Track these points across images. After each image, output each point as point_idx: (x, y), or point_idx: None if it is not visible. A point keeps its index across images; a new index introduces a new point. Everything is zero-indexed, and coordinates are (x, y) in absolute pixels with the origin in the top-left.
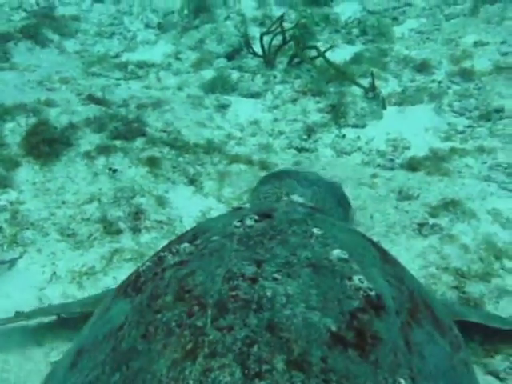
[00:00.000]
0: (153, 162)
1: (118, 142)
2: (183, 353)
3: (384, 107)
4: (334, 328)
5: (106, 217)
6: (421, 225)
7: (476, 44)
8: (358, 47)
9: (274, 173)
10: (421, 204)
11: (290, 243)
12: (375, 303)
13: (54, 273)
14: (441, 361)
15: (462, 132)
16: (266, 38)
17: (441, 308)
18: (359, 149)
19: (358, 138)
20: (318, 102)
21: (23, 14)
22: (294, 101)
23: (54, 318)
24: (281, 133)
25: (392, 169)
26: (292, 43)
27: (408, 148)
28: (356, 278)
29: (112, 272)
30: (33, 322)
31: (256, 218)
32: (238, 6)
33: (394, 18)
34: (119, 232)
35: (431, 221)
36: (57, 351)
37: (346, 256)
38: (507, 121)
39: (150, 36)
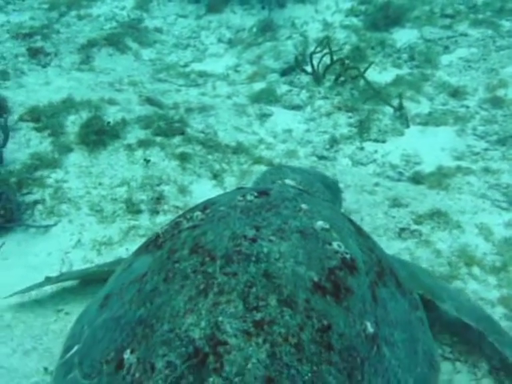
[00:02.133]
0: (184, 157)
1: (158, 138)
2: (197, 291)
3: (407, 126)
4: (315, 279)
5: (131, 199)
6: (402, 229)
7: None
8: (404, 71)
9: (274, 166)
10: (409, 212)
11: (283, 214)
12: (349, 264)
13: (79, 240)
14: (400, 314)
15: (476, 154)
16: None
17: (404, 276)
18: (374, 161)
19: (376, 151)
20: (350, 118)
21: (114, 24)
22: (328, 115)
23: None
24: (309, 142)
25: (398, 180)
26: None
27: (419, 163)
28: (335, 244)
29: (126, 244)
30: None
31: (255, 194)
32: (304, 27)
33: (446, 47)
34: (139, 212)
35: (413, 227)
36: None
37: (328, 226)
38: None
39: (220, 50)
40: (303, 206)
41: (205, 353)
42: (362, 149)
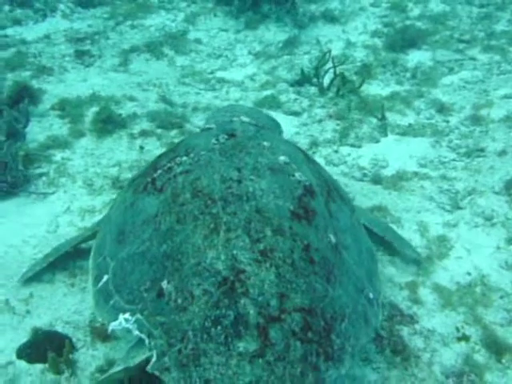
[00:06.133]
0: None
1: (159, 130)
2: (209, 230)
3: (385, 135)
4: (291, 208)
5: (119, 177)
6: None
7: (504, 96)
8: (403, 87)
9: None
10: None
11: (253, 154)
12: (310, 189)
13: (69, 207)
14: (347, 221)
15: (442, 163)
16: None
17: (343, 190)
18: (345, 162)
19: (349, 154)
20: (338, 125)
21: (162, 33)
22: (320, 121)
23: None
24: (294, 143)
25: (361, 180)
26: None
27: (384, 167)
28: (297, 175)
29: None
30: None
31: (226, 136)
32: (328, 45)
33: (451, 69)
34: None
35: None
36: None
37: (288, 160)
38: (483, 159)
39: (246, 60)
40: (265, 143)
41: (232, 280)
42: (336, 151)
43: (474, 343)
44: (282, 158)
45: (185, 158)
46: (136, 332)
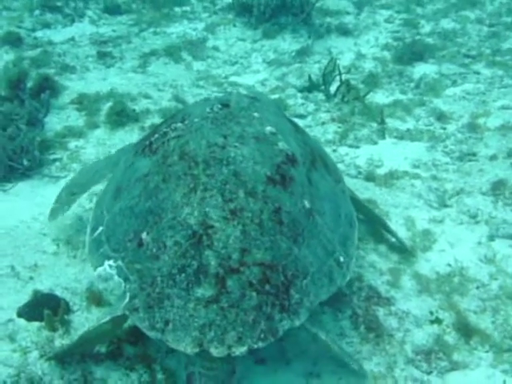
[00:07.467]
0: None
1: None
2: (188, 189)
3: (383, 137)
4: (268, 173)
5: None
6: None
7: (502, 107)
8: (407, 96)
9: None
10: None
11: (242, 123)
12: (291, 158)
13: None
14: (327, 189)
15: (435, 165)
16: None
17: (330, 160)
18: (342, 161)
19: (347, 154)
20: (339, 128)
21: (183, 40)
22: (323, 124)
23: None
24: None
25: (355, 177)
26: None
27: (379, 167)
28: (280, 144)
29: None
30: None
31: (219, 106)
32: (340, 56)
33: (454, 81)
34: None
35: None
36: None
37: (274, 130)
38: (474, 163)
39: (260, 67)
40: (255, 114)
41: (200, 234)
42: (335, 151)
43: (445, 326)
44: (269, 129)
45: (179, 125)
46: (115, 276)
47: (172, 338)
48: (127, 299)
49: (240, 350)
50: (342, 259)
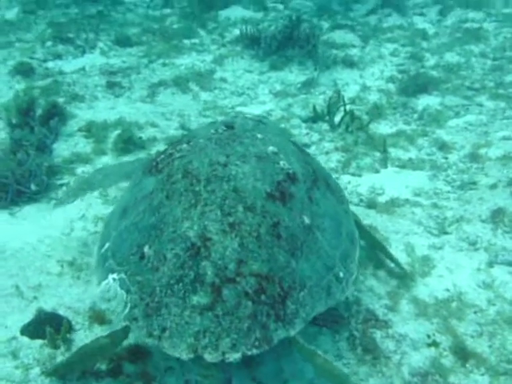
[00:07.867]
0: None
1: None
2: (189, 204)
3: (386, 166)
4: (268, 190)
5: None
6: None
7: (503, 138)
8: (410, 127)
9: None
10: None
11: (245, 143)
12: (292, 176)
13: (84, 215)
14: (329, 208)
15: (436, 194)
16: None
17: (334, 182)
18: (345, 188)
19: (349, 182)
20: (342, 157)
21: (191, 71)
22: (327, 153)
23: None
24: None
25: (357, 205)
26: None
27: (380, 195)
28: (282, 163)
29: None
30: None
31: (224, 128)
32: (345, 88)
33: (457, 113)
34: None
35: None
36: None
37: (276, 150)
38: (474, 192)
39: (266, 99)
40: (259, 135)
41: (198, 246)
42: (337, 179)
43: (442, 349)
44: (271, 148)
45: (185, 146)
46: (118, 288)
47: (168, 345)
48: (127, 309)
49: (234, 357)
50: (341, 274)
